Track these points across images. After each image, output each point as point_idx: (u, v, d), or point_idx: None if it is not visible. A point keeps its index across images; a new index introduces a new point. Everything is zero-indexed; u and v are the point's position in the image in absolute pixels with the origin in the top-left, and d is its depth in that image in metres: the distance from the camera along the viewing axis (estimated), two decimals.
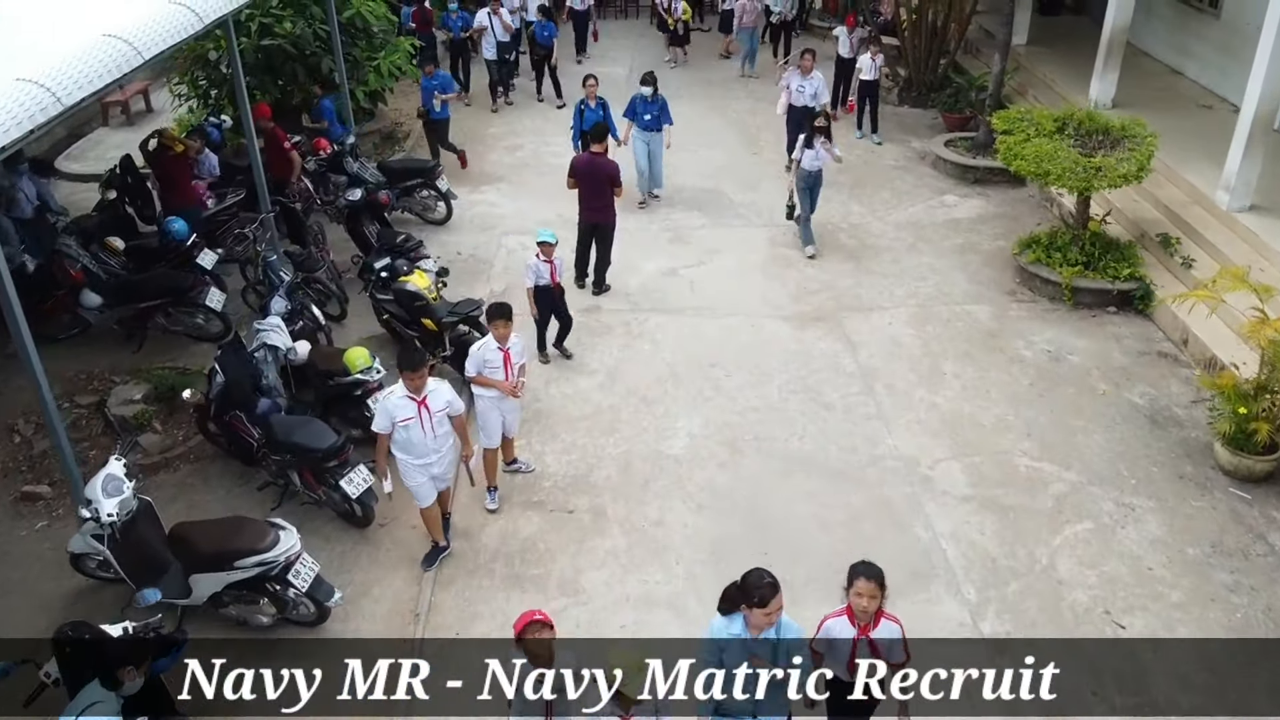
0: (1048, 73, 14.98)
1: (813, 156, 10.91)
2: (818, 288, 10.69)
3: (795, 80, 12.70)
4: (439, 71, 13.65)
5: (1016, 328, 9.85)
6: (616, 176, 10.04)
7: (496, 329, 7.11)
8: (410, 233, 10.25)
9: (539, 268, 8.75)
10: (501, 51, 15.95)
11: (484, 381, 7.22)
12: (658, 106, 12.11)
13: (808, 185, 11.12)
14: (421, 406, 6.39)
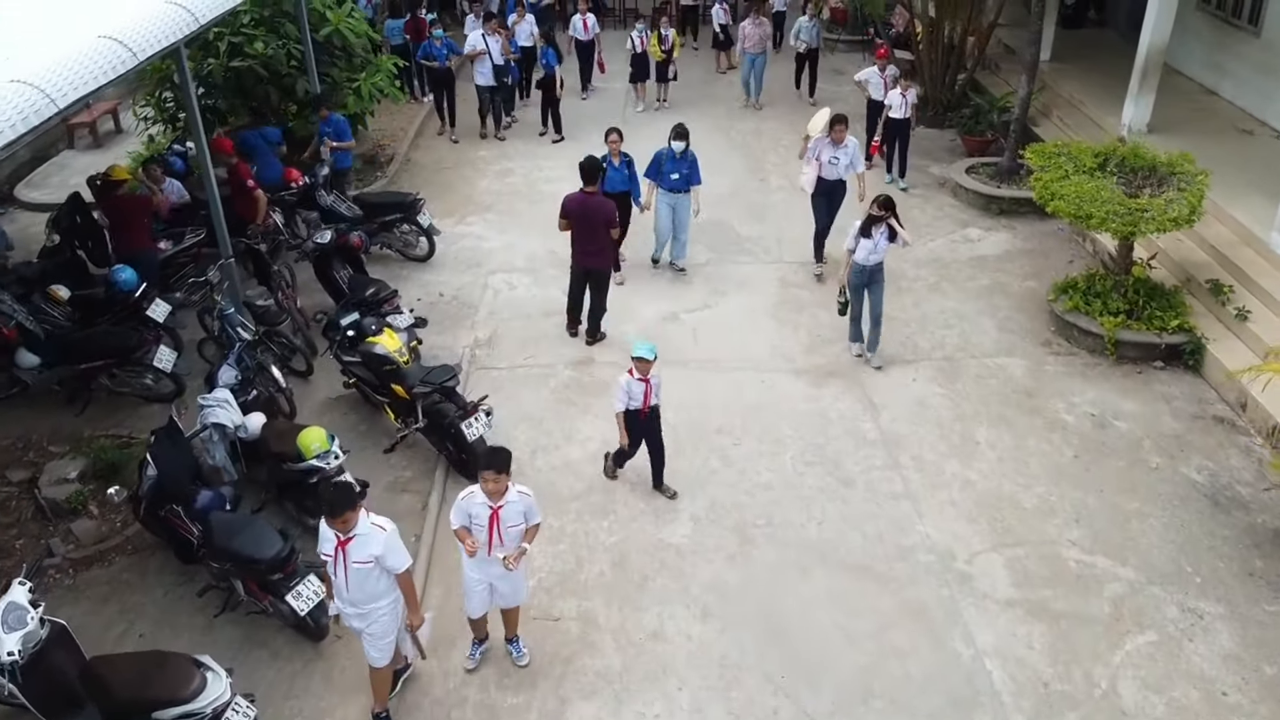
0: (1074, 92, 14.03)
1: (870, 248, 8.77)
2: (833, 336, 9.75)
3: (826, 151, 10.46)
4: (334, 115, 11.84)
5: (1055, 386, 8.90)
6: (613, 218, 9.11)
7: (486, 482, 5.42)
8: (384, 280, 9.29)
9: (631, 388, 7.06)
10: (498, 76, 14.61)
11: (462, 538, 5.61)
12: (687, 164, 10.37)
13: (863, 283, 8.93)
14: (340, 549, 5.11)
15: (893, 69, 13.33)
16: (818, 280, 10.73)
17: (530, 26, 15.54)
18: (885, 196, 8.79)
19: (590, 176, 9.00)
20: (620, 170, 10.31)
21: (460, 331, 9.91)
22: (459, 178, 13.66)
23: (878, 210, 8.68)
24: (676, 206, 10.53)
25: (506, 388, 8.98)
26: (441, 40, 14.40)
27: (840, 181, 10.59)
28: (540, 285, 10.77)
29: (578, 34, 16.26)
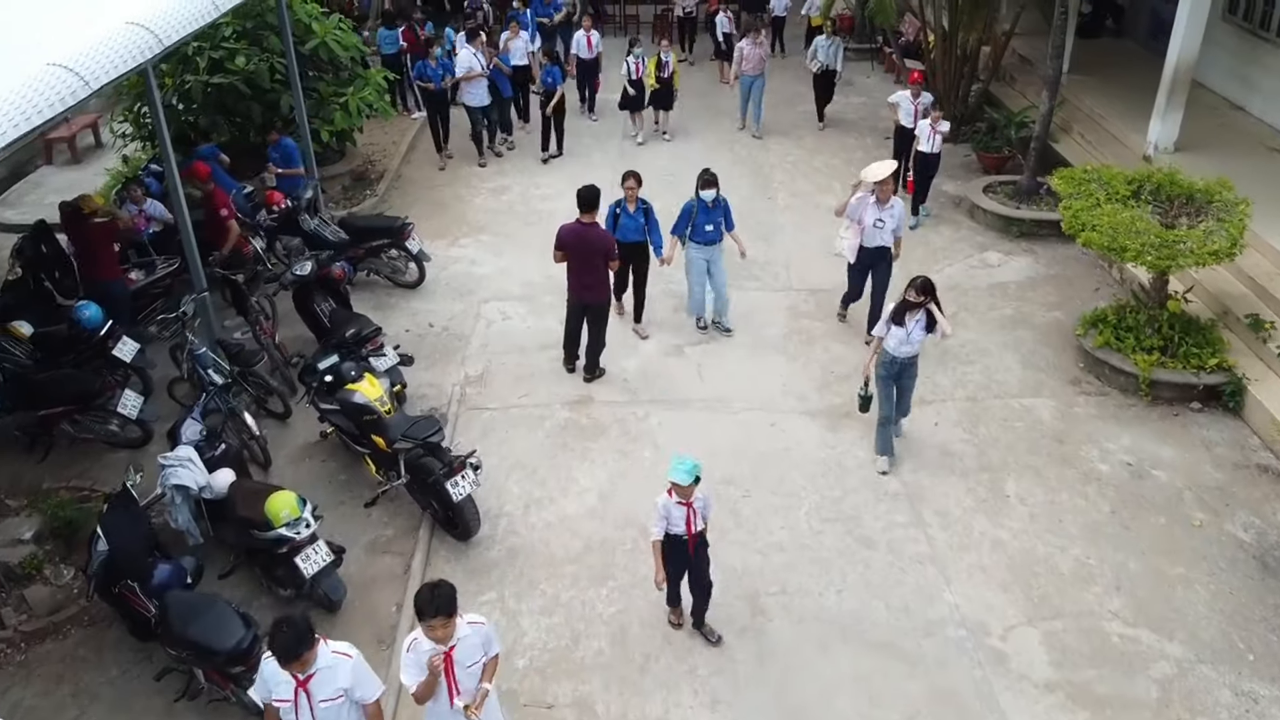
0: (1095, 107, 13.43)
1: (903, 337, 7.40)
2: (848, 371, 9.14)
3: (870, 212, 8.92)
4: (283, 140, 11.19)
5: (1086, 430, 8.31)
6: (611, 250, 8.51)
7: (433, 630, 4.49)
8: (367, 316, 8.68)
9: (670, 511, 5.83)
10: (492, 93, 13.77)
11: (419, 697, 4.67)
12: (720, 212, 9.23)
13: (892, 375, 7.62)
14: (301, 690, 4.43)
15: (926, 96, 12.18)
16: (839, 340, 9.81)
17: (524, 44, 14.67)
18: (923, 279, 7.35)
19: (588, 205, 8.40)
20: (636, 218, 9.21)
21: (450, 367, 9.31)
22: (452, 196, 13.06)
23: (914, 295, 7.25)
24: (712, 260, 9.39)
25: (498, 430, 8.39)
26: (439, 61, 13.55)
27: (884, 249, 9.15)
28: (536, 315, 10.18)
29: (580, 52, 15.15)
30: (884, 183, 8.76)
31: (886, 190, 8.81)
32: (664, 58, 14.06)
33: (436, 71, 13.44)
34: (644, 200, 9.29)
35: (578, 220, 8.48)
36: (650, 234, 9.29)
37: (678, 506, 5.81)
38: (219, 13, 7.79)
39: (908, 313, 7.34)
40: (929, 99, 12.22)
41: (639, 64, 14.08)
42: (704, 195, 9.09)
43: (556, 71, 13.74)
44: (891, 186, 8.81)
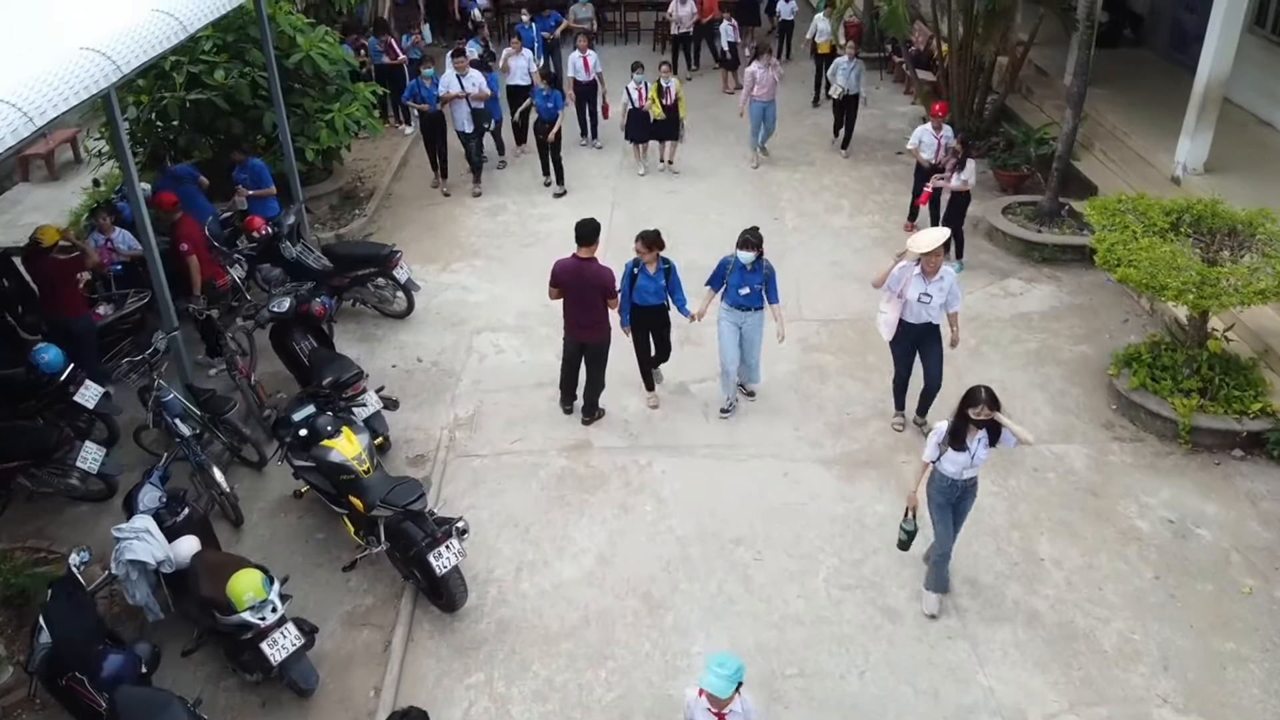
0: (1117, 123, 12.83)
1: (965, 462, 6.07)
2: (865, 413, 8.57)
3: (914, 286, 7.53)
4: (251, 160, 10.42)
5: (1123, 482, 7.72)
6: (610, 288, 7.91)
7: None
8: (349, 357, 8.10)
9: (694, 711, 4.82)
10: (479, 121, 12.69)
11: None
12: (760, 277, 8.03)
13: (950, 501, 6.29)
14: None
15: (949, 131, 10.99)
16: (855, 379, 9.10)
17: (527, 63, 13.62)
18: (986, 389, 5.92)
19: (586, 239, 7.81)
20: (656, 279, 8.06)
21: (438, 407, 8.72)
22: (445, 216, 12.46)
23: (978, 412, 5.85)
24: (744, 326, 8.18)
25: (489, 480, 7.80)
26: (432, 80, 12.56)
27: (931, 326, 7.78)
28: (531, 348, 9.59)
29: (577, 74, 13.89)
30: (933, 254, 7.39)
31: (935, 262, 7.44)
32: (665, 84, 12.83)
33: (430, 92, 12.50)
34: (666, 259, 8.11)
35: (574, 255, 7.89)
36: (672, 294, 8.19)
37: (708, 715, 4.71)
38: (186, 34, 7.21)
39: (968, 431, 5.99)
40: (951, 134, 11.01)
41: (641, 90, 12.90)
42: (741, 256, 7.90)
43: (557, 97, 12.75)
44: (941, 257, 7.50)
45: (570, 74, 14.07)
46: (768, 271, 8.06)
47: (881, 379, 9.04)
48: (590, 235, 7.80)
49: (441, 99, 12.37)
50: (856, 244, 11.68)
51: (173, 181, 10.01)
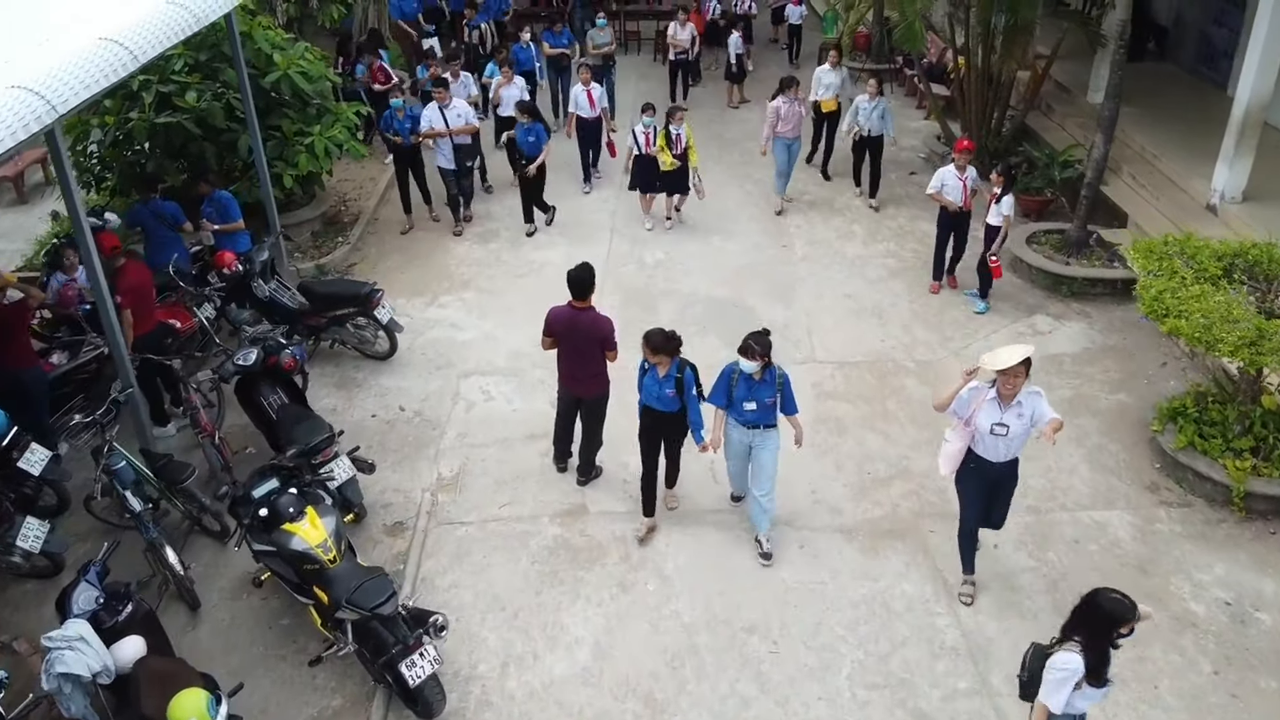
0: (1146, 144, 12.10)
1: (1101, 695, 4.74)
2: (887, 472, 7.86)
3: (986, 413, 5.97)
4: (217, 192, 9.51)
5: (1173, 555, 7.01)
6: (608, 339, 7.18)
7: None
8: (329, 400, 7.40)
9: None
10: (461, 158, 11.51)
11: None
12: (771, 390, 6.53)
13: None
14: None
15: (974, 171, 9.99)
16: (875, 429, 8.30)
17: (520, 91, 12.61)
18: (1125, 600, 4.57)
19: (580, 291, 7.08)
20: (664, 386, 6.65)
21: (420, 464, 7.99)
22: (433, 244, 11.73)
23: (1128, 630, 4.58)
24: (755, 445, 6.71)
25: (474, 553, 7.08)
26: (405, 112, 11.39)
27: (1012, 465, 6.29)
28: (523, 394, 8.87)
29: (581, 110, 12.49)
30: (1012, 372, 5.77)
31: (1015, 384, 5.82)
32: (675, 131, 11.28)
33: (404, 124, 11.34)
34: (690, 365, 6.73)
35: (569, 304, 7.17)
36: (689, 406, 6.74)
37: None
38: (137, 64, 6.49)
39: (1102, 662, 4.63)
40: (976, 174, 10.03)
41: (649, 135, 11.32)
42: (744, 365, 6.40)
43: (540, 130, 11.43)
44: (1023, 378, 5.84)
45: (572, 109, 12.69)
46: (780, 381, 6.58)
47: (902, 430, 8.35)
48: (583, 288, 7.06)
49: (422, 135, 11.34)
50: (871, 274, 10.96)
51: (151, 218, 9.27)
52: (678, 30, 15.79)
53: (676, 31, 15.79)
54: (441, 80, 11.93)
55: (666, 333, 6.66)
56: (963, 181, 9.81)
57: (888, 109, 12.11)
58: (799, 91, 11.92)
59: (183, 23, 7.13)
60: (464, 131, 11.37)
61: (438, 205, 12.23)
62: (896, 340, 9.65)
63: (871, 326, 9.92)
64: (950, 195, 9.88)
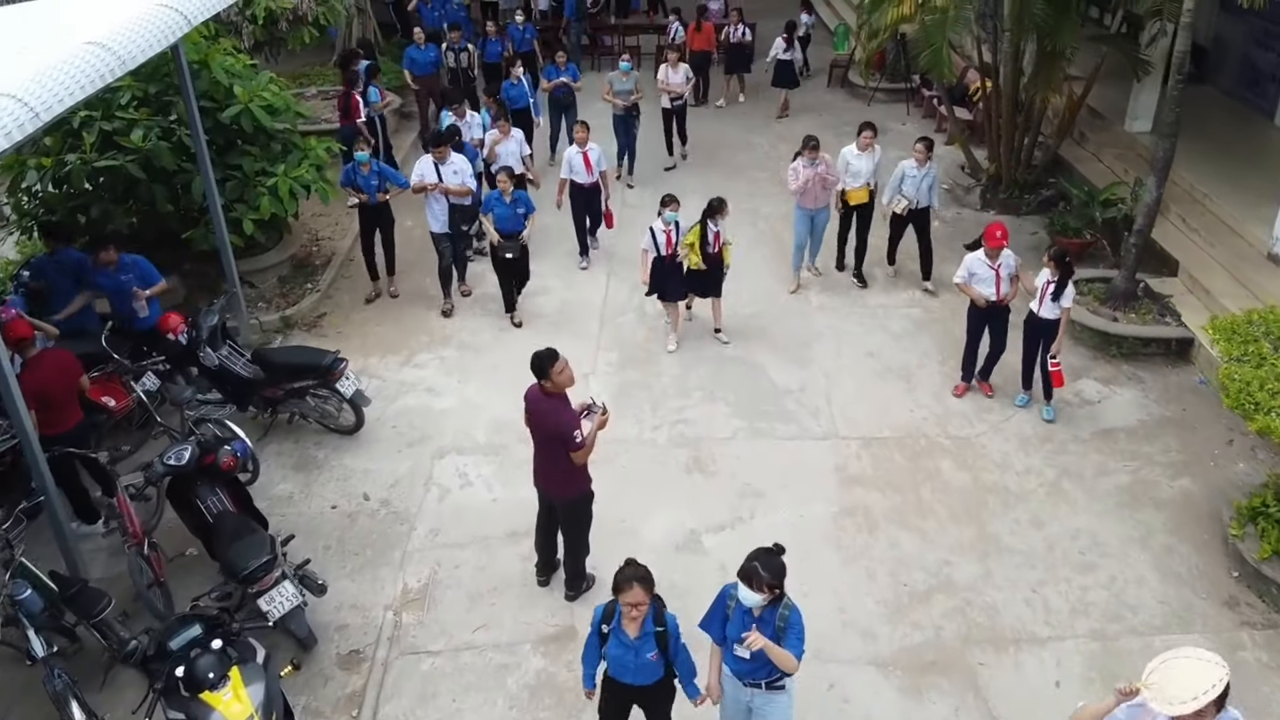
0: (1195, 182, 11.03)
1: None
2: (926, 583, 6.79)
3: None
4: (126, 257, 8.14)
5: (1261, 692, 5.96)
6: (567, 437, 5.92)
7: None
8: (261, 530, 6.28)
9: None
10: (457, 221, 9.88)
11: None
12: (770, 630, 4.69)
13: None
14: None
15: (1009, 257, 8.22)
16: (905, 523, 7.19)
17: (519, 147, 10.90)
18: None
19: (537, 371, 5.99)
20: (645, 644, 4.81)
21: (383, 571, 6.92)
22: (414, 290, 10.64)
23: None
24: (755, 706, 4.97)
25: (442, 694, 6.02)
26: (370, 166, 9.68)
27: None
28: (505, 478, 7.80)
29: (576, 175, 10.46)
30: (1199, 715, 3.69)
31: None
32: (712, 228, 8.99)
33: (369, 180, 9.69)
34: (660, 610, 4.83)
35: (539, 385, 6.07)
36: (674, 663, 4.93)
37: None
38: (40, 123, 5.42)
39: None
40: (1014, 263, 8.28)
41: (670, 234, 8.99)
42: (744, 597, 4.66)
43: (525, 199, 9.67)
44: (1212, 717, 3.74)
45: (565, 174, 10.54)
46: (782, 624, 4.69)
47: (940, 528, 7.28)
48: (538, 368, 5.96)
49: (415, 188, 9.79)
50: (895, 327, 9.89)
51: (55, 271, 8.17)
52: (669, 74, 13.28)
53: (667, 75, 13.27)
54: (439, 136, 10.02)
55: (637, 572, 4.70)
56: (995, 271, 8.18)
57: (935, 177, 10.17)
58: (818, 153, 9.79)
59: (102, 67, 6.05)
60: (460, 193, 9.79)
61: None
62: (928, 411, 8.58)
63: (898, 393, 8.85)
64: (981, 287, 8.26)
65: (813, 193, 9.96)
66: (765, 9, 19.61)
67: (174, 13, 7.12)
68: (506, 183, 9.46)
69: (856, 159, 10.04)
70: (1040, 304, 8.08)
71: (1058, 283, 7.91)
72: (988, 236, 8.14)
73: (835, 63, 17.18)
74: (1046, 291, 8.00)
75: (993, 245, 8.10)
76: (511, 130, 10.89)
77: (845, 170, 10.05)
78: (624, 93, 12.62)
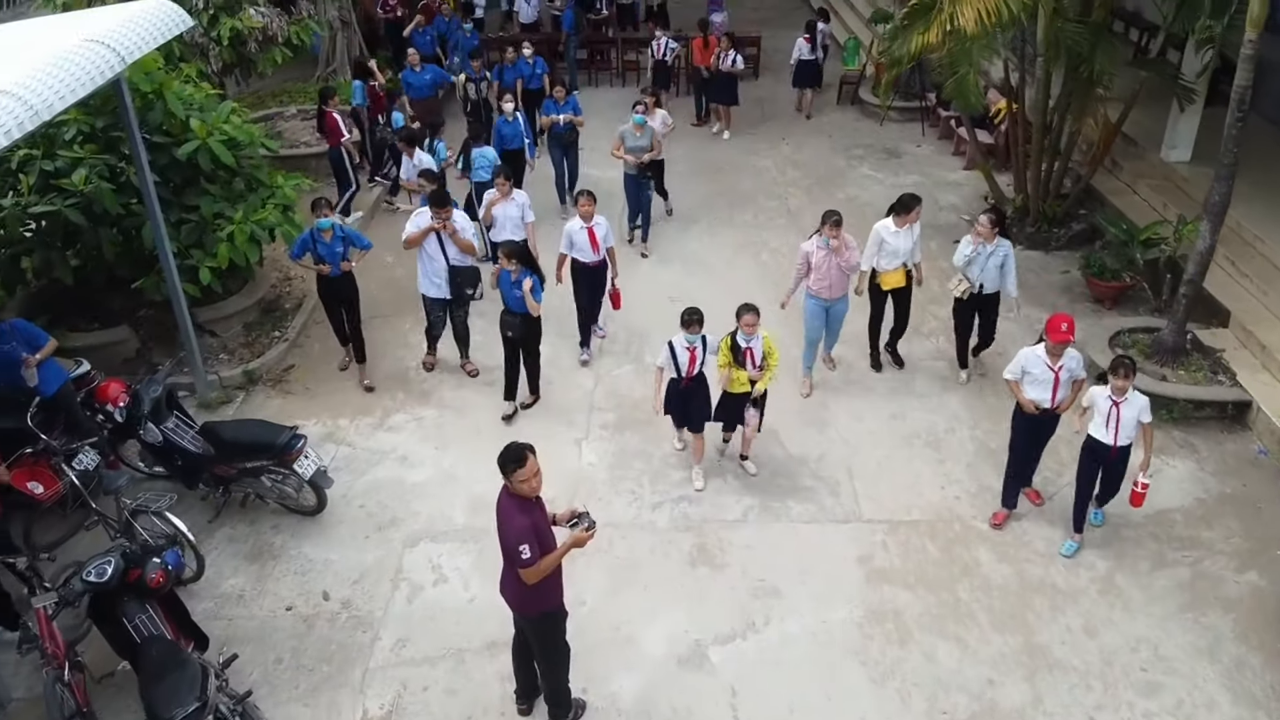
0: (1243, 220, 10.11)
1: None
2: (968, 711, 5.89)
3: None
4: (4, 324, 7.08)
5: None
6: (511, 551, 5.02)
7: None
8: (193, 660, 5.36)
9: None
10: (460, 284, 8.48)
11: None
12: None
13: None
14: None
15: (1074, 359, 6.75)
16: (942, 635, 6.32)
17: (521, 209, 9.23)
18: None
19: (502, 470, 5.07)
20: None
21: (340, 695, 6.01)
22: (392, 339, 9.72)
23: None
24: None
25: None
26: (332, 232, 8.25)
27: None
28: (484, 570, 6.82)
29: (580, 253, 8.71)
30: None
31: None
32: (745, 342, 7.22)
33: (331, 248, 8.28)
34: None
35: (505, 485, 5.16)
36: None
37: None
38: None
39: None
40: (1078, 362, 6.82)
41: (694, 354, 7.25)
42: None
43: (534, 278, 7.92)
44: None
45: (565, 249, 8.75)
46: None
47: (982, 637, 6.39)
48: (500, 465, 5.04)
49: (408, 241, 8.41)
50: (920, 386, 8.97)
51: None
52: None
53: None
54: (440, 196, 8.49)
55: None
56: (1055, 373, 6.70)
57: (1010, 256, 8.16)
58: (843, 233, 7.99)
59: (7, 119, 5.15)
60: (465, 249, 8.45)
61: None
62: (961, 487, 7.67)
63: (927, 463, 7.95)
64: (1034, 392, 6.78)
65: (829, 278, 8.16)
66: (771, 19, 18.85)
67: (105, 49, 6.22)
68: (510, 263, 7.84)
69: (893, 236, 8.29)
70: (1108, 429, 6.47)
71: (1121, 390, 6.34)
72: (1051, 329, 6.61)
73: (845, 79, 16.27)
74: (1115, 414, 6.41)
75: (1057, 340, 6.56)
76: (514, 193, 9.25)
77: (879, 249, 8.36)
78: (638, 149, 10.68)
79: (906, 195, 8.41)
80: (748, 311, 7.13)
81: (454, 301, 8.67)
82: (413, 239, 8.42)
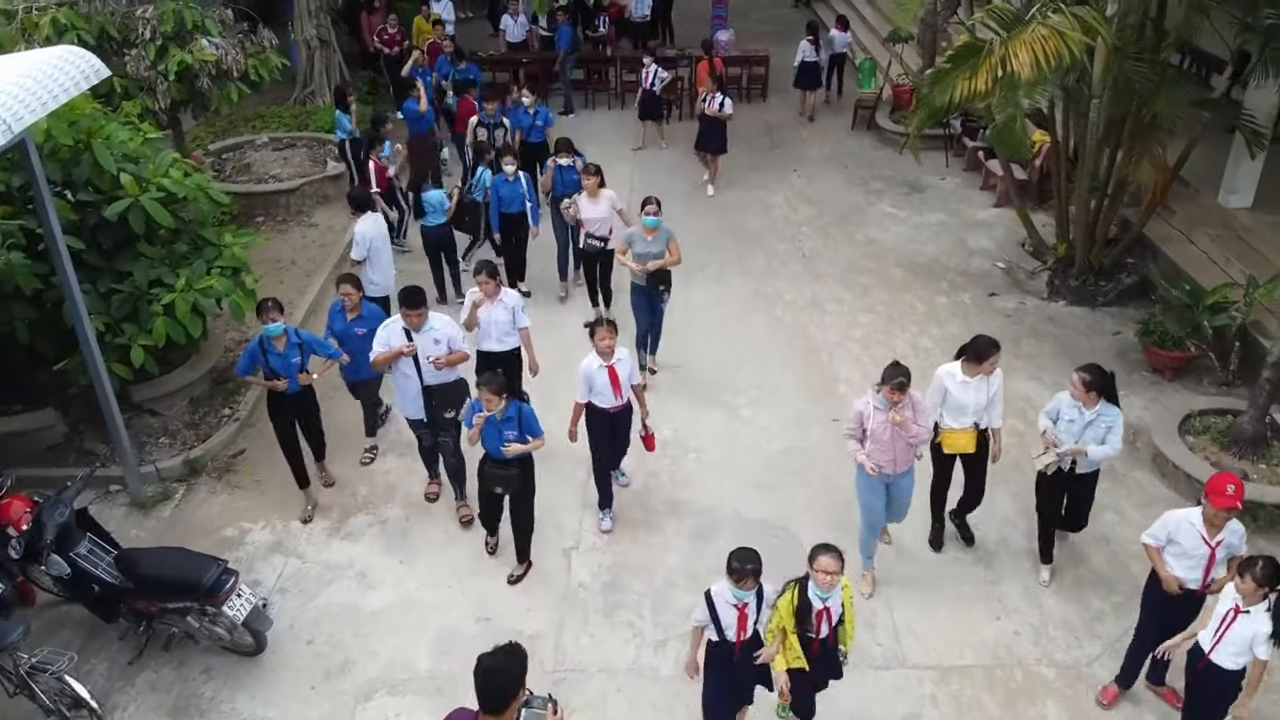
0: None
1: None
2: None
3: None
4: None
5: None
6: None
7: None
8: None
9: None
10: (439, 406, 6.97)
11: None
12: None
13: None
14: None
15: (1237, 532, 5.33)
16: None
17: (511, 313, 7.52)
18: None
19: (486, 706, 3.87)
20: None
21: None
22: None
23: None
24: None
25: None
26: (286, 339, 6.86)
27: None
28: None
29: (599, 398, 6.84)
30: None
31: None
32: (821, 600, 5.04)
33: (285, 360, 6.87)
34: None
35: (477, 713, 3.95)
36: None
37: None
38: None
39: None
40: (1240, 537, 5.35)
41: (746, 612, 5.07)
42: None
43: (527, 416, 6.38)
44: None
45: (583, 397, 6.85)
46: None
47: None
48: (490, 698, 3.88)
49: (377, 360, 6.93)
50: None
51: None
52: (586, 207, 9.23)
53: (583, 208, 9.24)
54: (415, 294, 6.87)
55: None
56: (1212, 549, 5.31)
57: (1115, 429, 6.17)
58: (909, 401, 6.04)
59: None
60: (450, 363, 6.91)
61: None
62: (1020, 618, 6.51)
63: (977, 587, 6.79)
64: (1180, 567, 5.41)
65: (891, 451, 6.16)
66: (781, 33, 17.73)
67: None
68: (493, 399, 6.12)
69: (961, 388, 6.42)
70: (1217, 642, 5.00)
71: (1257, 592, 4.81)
72: (1213, 492, 5.16)
73: (861, 102, 15.14)
74: (1227, 628, 4.96)
75: (1220, 505, 5.13)
76: (503, 295, 7.51)
77: (943, 401, 6.49)
78: (646, 256, 8.41)
79: (982, 340, 6.42)
80: (826, 553, 4.92)
81: (434, 424, 7.08)
82: (380, 361, 6.91)
